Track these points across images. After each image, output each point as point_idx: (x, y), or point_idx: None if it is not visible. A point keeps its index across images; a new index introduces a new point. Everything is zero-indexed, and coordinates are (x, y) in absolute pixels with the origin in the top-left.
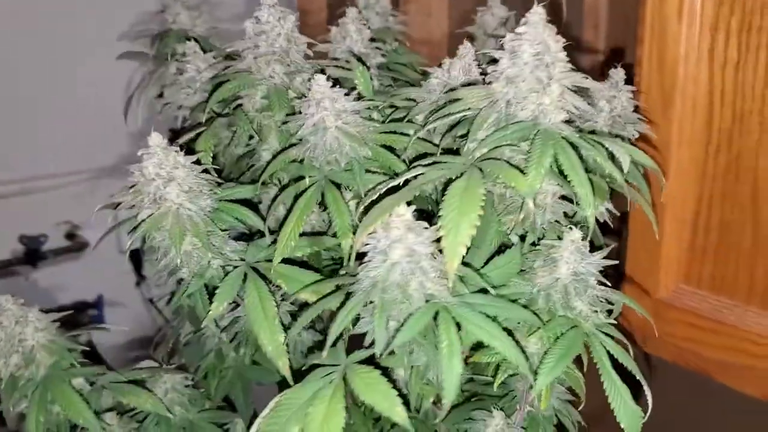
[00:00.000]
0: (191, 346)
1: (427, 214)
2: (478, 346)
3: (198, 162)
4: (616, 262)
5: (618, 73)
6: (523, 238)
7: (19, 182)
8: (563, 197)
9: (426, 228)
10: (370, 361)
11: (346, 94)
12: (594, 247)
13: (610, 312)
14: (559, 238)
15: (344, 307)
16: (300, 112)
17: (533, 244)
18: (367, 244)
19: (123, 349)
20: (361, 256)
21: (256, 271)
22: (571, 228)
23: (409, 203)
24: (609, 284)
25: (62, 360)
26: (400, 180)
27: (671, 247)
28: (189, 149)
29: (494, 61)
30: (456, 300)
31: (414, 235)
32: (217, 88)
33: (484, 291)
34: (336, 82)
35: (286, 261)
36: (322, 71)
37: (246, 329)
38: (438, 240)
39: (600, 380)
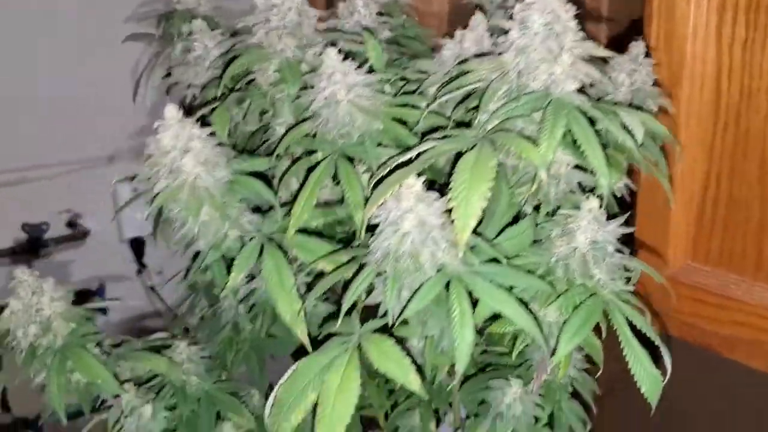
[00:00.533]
0: (208, 321)
1: (439, 186)
2: (494, 318)
3: (213, 134)
4: (634, 229)
5: (638, 46)
6: (537, 208)
7: (22, 170)
8: (577, 166)
9: (436, 199)
10: (385, 331)
11: (358, 67)
12: (609, 218)
13: (627, 280)
14: (575, 208)
15: (357, 277)
16: (312, 87)
17: (548, 214)
18: (378, 216)
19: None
20: (372, 229)
21: (272, 241)
22: (588, 197)
23: (419, 174)
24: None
25: (79, 328)
26: (412, 154)
27: (679, 224)
28: (204, 124)
29: (505, 33)
30: (467, 269)
31: (424, 206)
32: (230, 64)
33: (496, 261)
34: (347, 55)
35: (301, 231)
36: (333, 44)
37: (263, 300)
38: (449, 211)
39: (610, 352)
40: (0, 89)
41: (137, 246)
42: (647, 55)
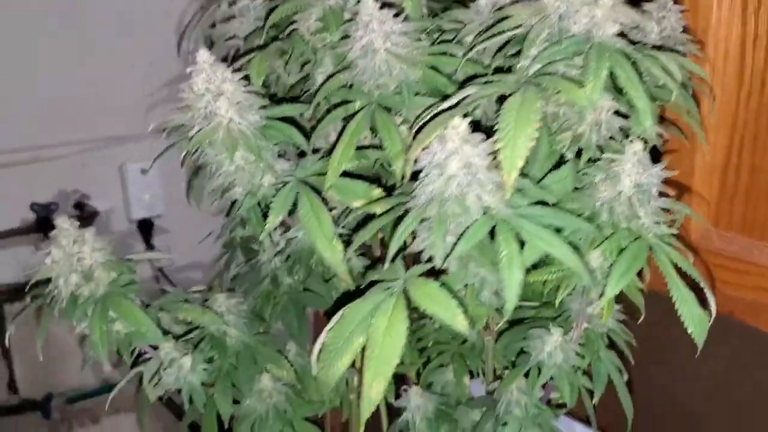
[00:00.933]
0: (246, 275)
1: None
2: (534, 267)
3: (248, 81)
4: (677, 171)
5: None
6: (578, 156)
7: (31, 150)
8: (617, 113)
9: (482, 140)
10: (429, 276)
11: (395, 16)
12: None
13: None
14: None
15: (402, 221)
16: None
17: (590, 161)
18: (421, 161)
19: None
20: (413, 177)
21: (307, 185)
22: (631, 141)
23: (465, 115)
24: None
25: (120, 277)
26: (454, 100)
27: (702, 190)
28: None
29: None
30: (513, 212)
31: (470, 147)
32: (271, 12)
33: (541, 204)
34: (384, 5)
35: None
36: None
37: (298, 250)
38: (494, 154)
39: None
40: (7, 73)
41: (145, 227)
42: (675, 1)
